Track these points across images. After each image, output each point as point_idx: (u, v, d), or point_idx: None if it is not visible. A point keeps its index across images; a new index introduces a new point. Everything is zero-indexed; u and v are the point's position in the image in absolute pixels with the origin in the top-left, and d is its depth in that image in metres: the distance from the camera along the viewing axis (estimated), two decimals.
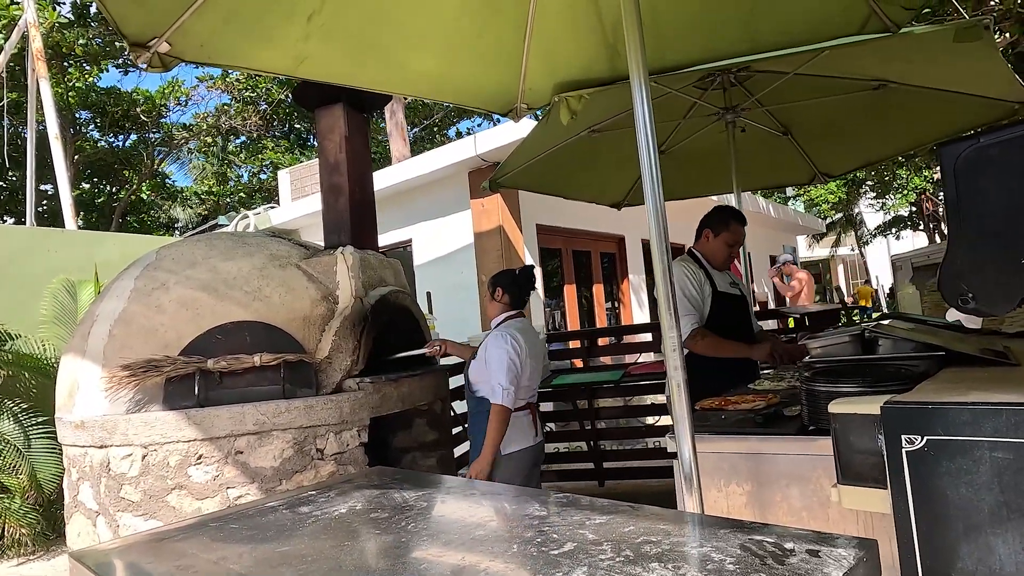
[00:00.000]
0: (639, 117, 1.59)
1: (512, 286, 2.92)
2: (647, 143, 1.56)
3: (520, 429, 2.77)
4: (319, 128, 3.31)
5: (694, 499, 1.40)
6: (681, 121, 4.19)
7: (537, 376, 2.87)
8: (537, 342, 2.88)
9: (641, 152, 1.57)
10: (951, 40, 2.60)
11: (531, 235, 6.71)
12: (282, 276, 3.02)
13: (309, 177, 8.71)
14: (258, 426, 2.63)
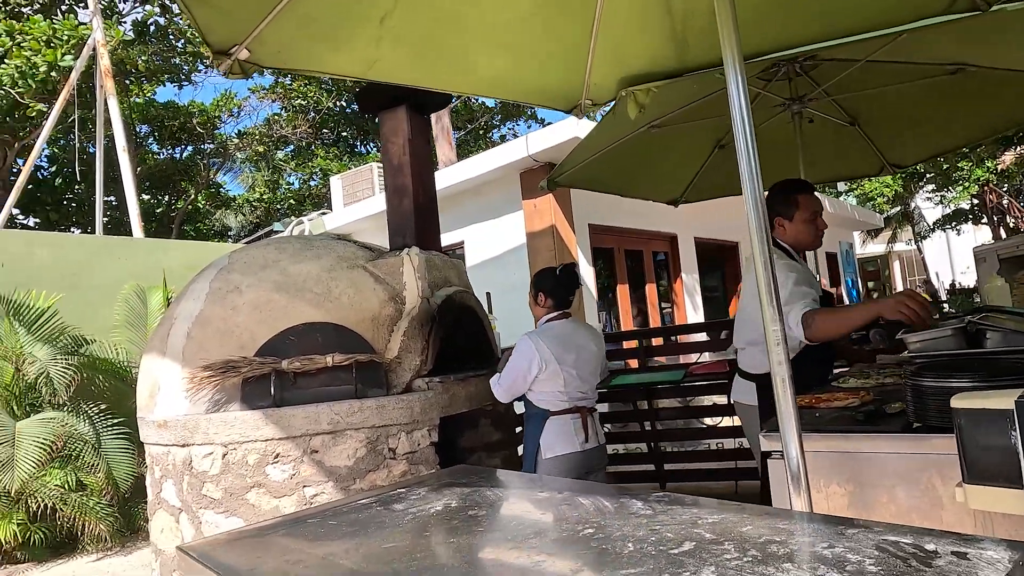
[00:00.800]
0: (735, 101, 1.54)
1: (555, 289, 2.86)
2: (744, 128, 1.51)
3: (564, 433, 2.71)
4: (383, 131, 3.34)
5: (802, 499, 1.35)
6: None
7: (585, 379, 2.77)
8: (583, 344, 2.79)
9: (738, 138, 1.53)
10: None
11: (583, 234, 6.67)
12: (350, 277, 3.06)
13: (361, 183, 8.86)
14: (332, 425, 2.66)
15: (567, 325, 2.84)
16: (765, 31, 2.73)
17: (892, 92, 3.83)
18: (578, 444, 2.73)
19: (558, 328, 2.81)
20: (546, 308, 2.86)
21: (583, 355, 2.78)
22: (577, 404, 2.77)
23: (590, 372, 2.80)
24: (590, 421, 2.78)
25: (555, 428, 2.73)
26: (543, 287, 2.87)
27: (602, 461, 2.84)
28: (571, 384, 2.74)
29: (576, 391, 2.76)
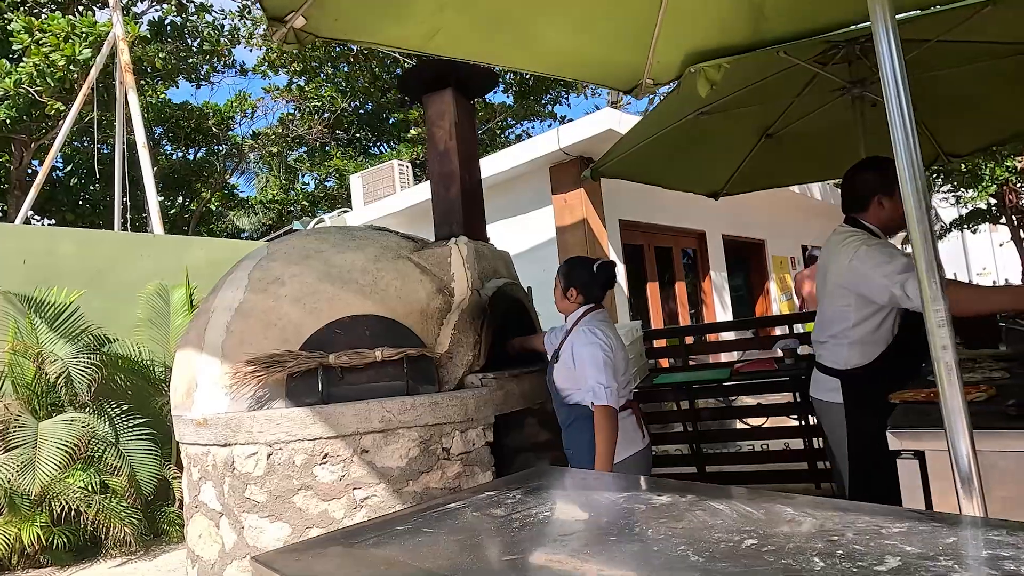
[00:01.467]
0: (885, 53, 1.35)
1: (589, 286, 2.58)
2: (897, 84, 1.32)
3: (625, 432, 2.45)
4: (428, 115, 3.18)
5: (975, 503, 1.17)
6: (794, 100, 3.91)
7: (628, 373, 2.58)
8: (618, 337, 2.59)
9: (890, 96, 1.34)
10: None
11: (614, 230, 6.49)
12: (396, 268, 2.90)
13: (382, 180, 8.72)
14: (384, 424, 2.50)
15: (605, 315, 2.65)
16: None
17: (955, 76, 3.64)
18: (640, 442, 2.52)
19: (603, 317, 2.61)
20: (576, 304, 2.61)
21: (623, 346, 2.60)
22: (628, 399, 2.57)
23: (628, 365, 2.61)
24: (640, 416, 2.60)
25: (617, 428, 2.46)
26: (577, 282, 2.59)
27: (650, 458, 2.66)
28: (623, 377, 2.50)
29: (625, 384, 2.54)
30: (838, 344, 2.54)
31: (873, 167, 2.56)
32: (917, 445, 1.50)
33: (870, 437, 2.40)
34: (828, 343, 2.63)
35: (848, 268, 2.37)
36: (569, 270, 2.65)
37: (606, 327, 2.53)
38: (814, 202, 9.65)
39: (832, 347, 2.59)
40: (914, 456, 1.51)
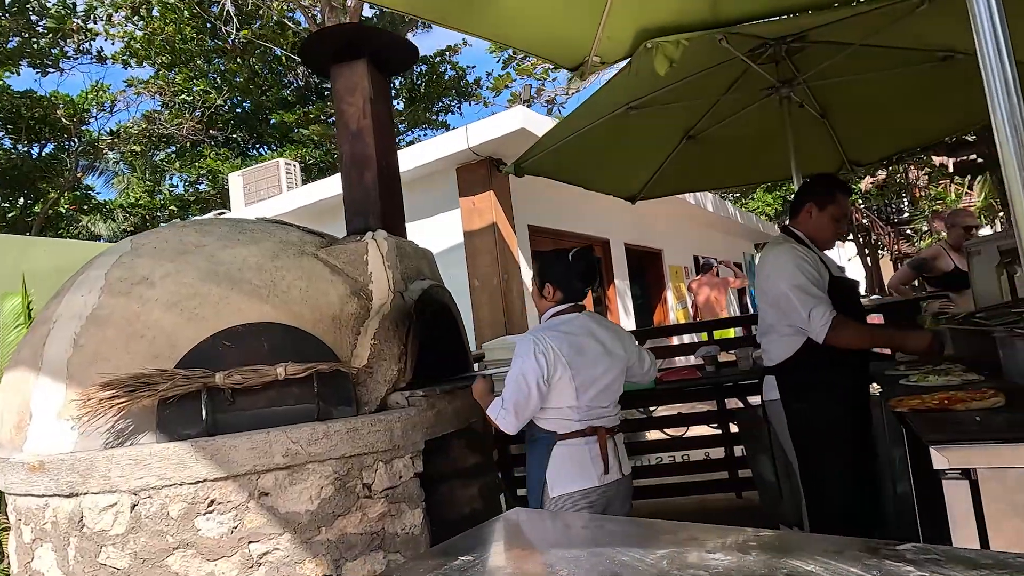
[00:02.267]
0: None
1: (566, 278, 2.25)
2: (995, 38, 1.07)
3: (576, 463, 2.11)
4: (335, 89, 2.71)
5: None
6: (720, 98, 3.82)
7: (605, 391, 2.18)
8: (602, 344, 2.20)
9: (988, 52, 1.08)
10: None
11: (524, 236, 6.22)
12: (300, 266, 2.41)
13: (266, 180, 7.94)
14: (289, 458, 2.00)
15: (580, 320, 2.22)
16: None
17: (868, 83, 3.69)
18: (595, 477, 2.11)
19: (568, 323, 2.20)
20: (553, 302, 2.26)
21: (603, 359, 2.18)
22: (593, 424, 2.16)
23: (612, 381, 2.20)
24: (611, 446, 2.18)
25: (565, 456, 2.12)
26: (551, 276, 2.26)
27: (626, 497, 2.23)
28: (585, 397, 2.13)
29: (592, 406, 2.16)
30: (769, 342, 2.65)
31: (817, 181, 2.75)
32: (967, 463, 1.27)
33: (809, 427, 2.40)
34: (763, 343, 2.72)
35: (767, 276, 2.56)
36: (542, 265, 2.32)
37: (564, 337, 2.14)
38: (707, 213, 9.96)
39: (766, 346, 2.69)
40: (962, 476, 1.27)
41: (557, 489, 2.12)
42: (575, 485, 2.12)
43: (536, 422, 2.18)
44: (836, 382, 2.38)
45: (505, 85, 9.64)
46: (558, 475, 2.13)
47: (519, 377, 2.09)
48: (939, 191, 19.52)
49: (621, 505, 2.21)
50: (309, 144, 14.01)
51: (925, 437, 1.34)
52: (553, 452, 2.14)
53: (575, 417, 2.15)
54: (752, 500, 4.36)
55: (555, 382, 2.11)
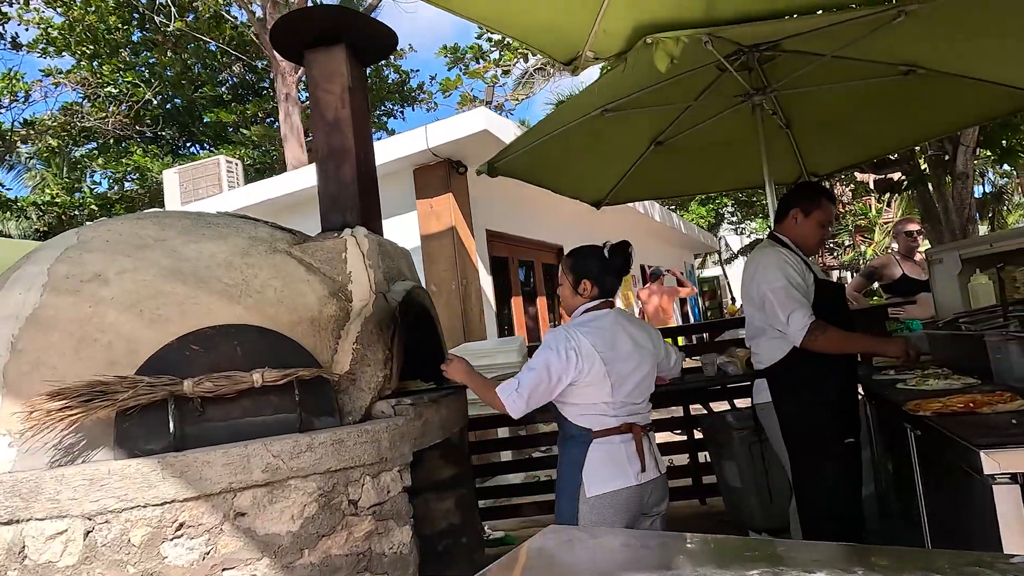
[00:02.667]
0: None
1: (602, 275, 2.20)
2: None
3: (612, 461, 2.06)
4: (312, 76, 2.53)
5: None
6: (692, 103, 3.83)
7: (638, 387, 2.15)
8: (636, 340, 2.17)
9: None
10: None
11: (482, 240, 6.10)
12: (274, 264, 2.21)
13: (205, 178, 7.51)
14: (269, 474, 1.81)
15: (612, 316, 2.18)
16: None
17: (832, 94, 3.78)
18: (632, 475, 2.06)
19: (601, 319, 2.16)
20: (587, 298, 2.19)
21: (635, 355, 2.13)
22: (628, 420, 2.11)
23: (644, 376, 2.15)
24: (646, 443, 2.13)
25: (602, 454, 2.07)
26: (588, 272, 2.18)
27: (663, 496, 2.19)
28: (620, 393, 2.09)
29: (627, 402, 2.11)
30: (759, 345, 2.66)
31: (802, 187, 2.82)
32: (1019, 467, 1.24)
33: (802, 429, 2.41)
34: (753, 346, 2.74)
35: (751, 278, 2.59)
36: (576, 261, 2.23)
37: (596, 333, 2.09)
38: (653, 223, 10.12)
39: (756, 349, 2.70)
40: (1012, 480, 1.24)
41: (595, 488, 2.06)
42: (614, 484, 2.06)
43: (570, 419, 2.12)
44: (826, 384, 2.39)
45: (455, 87, 9.53)
46: (596, 474, 2.06)
47: (544, 366, 2.04)
48: (862, 207, 20.65)
49: (655, 503, 2.16)
50: (248, 145, 13.43)
51: (973, 441, 1.30)
52: (590, 450, 2.09)
53: (611, 413, 2.10)
54: (716, 506, 4.38)
55: (590, 378, 2.06)
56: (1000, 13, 2.73)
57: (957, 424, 1.48)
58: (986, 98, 3.57)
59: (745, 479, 3.88)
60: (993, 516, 1.25)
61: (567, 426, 2.13)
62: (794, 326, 2.34)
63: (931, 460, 1.66)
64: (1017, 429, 1.36)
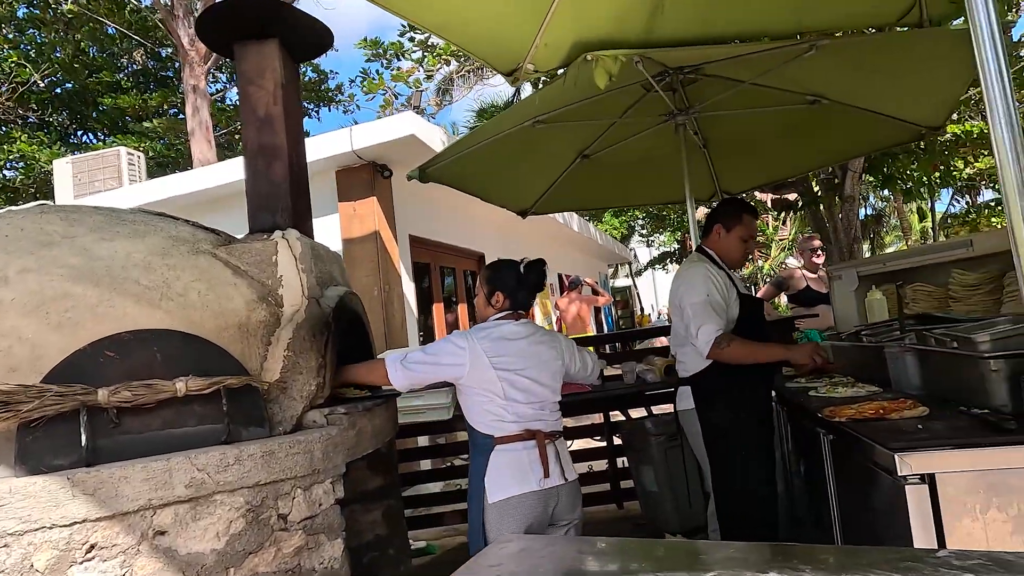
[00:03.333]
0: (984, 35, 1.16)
1: (517, 290, 2.30)
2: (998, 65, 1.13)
3: (513, 467, 2.11)
4: (241, 70, 2.42)
5: None
6: (617, 120, 3.96)
7: (539, 393, 2.20)
8: (535, 348, 2.23)
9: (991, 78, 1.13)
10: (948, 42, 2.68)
11: (405, 246, 6.02)
12: (197, 266, 2.09)
13: (103, 170, 6.98)
14: (194, 488, 1.70)
15: (516, 326, 2.24)
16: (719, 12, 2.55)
17: (747, 118, 4.03)
18: (535, 481, 2.11)
19: (500, 327, 2.22)
20: (498, 310, 2.29)
21: (532, 362, 2.20)
22: (529, 427, 2.16)
23: (544, 384, 2.21)
24: (552, 450, 2.17)
25: (503, 461, 2.13)
26: (503, 285, 2.27)
27: (574, 504, 2.23)
28: (515, 398, 2.15)
29: (527, 408, 2.17)
30: (685, 354, 2.78)
31: (727, 203, 2.99)
32: (928, 468, 1.36)
33: (723, 435, 2.55)
34: (679, 355, 2.87)
35: (676, 290, 2.74)
36: (492, 273, 2.32)
37: (489, 338, 2.18)
38: (572, 233, 10.34)
39: (681, 357, 2.83)
40: (922, 481, 1.36)
41: (496, 495, 2.11)
42: (514, 489, 2.11)
43: (476, 427, 2.19)
44: (747, 392, 2.53)
45: (379, 89, 9.36)
46: (497, 480, 2.12)
47: (434, 348, 2.21)
48: (760, 224, 22.01)
49: (566, 511, 2.21)
50: (151, 137, 12.61)
51: (888, 445, 1.42)
52: (492, 457, 2.15)
53: (508, 419, 2.16)
54: (633, 510, 4.51)
55: (481, 382, 2.15)
56: (896, 55, 3.00)
57: (870, 429, 1.61)
58: (879, 130, 3.91)
59: (662, 483, 4.02)
60: (905, 515, 1.37)
61: (473, 434, 2.21)
62: (701, 339, 2.49)
63: (843, 463, 1.79)
64: (924, 433, 1.50)
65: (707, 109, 3.84)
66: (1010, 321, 1.69)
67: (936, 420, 1.62)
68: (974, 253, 2.61)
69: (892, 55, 3.01)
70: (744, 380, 2.53)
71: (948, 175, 9.76)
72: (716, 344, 2.47)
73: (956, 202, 19.49)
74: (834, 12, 2.60)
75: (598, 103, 3.43)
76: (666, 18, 2.35)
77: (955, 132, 7.94)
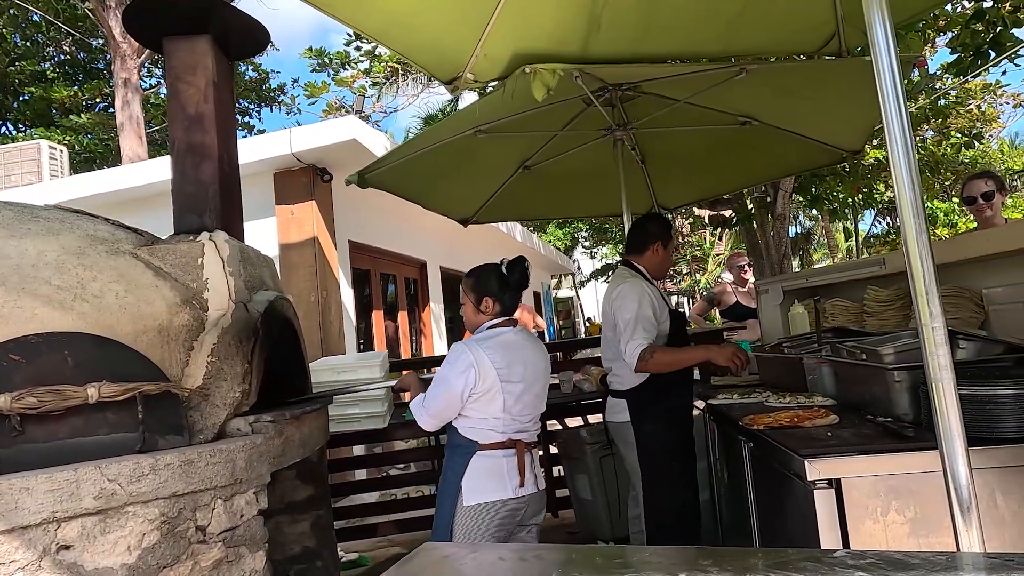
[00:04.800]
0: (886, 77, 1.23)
1: (502, 291, 2.31)
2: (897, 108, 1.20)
3: (493, 474, 2.16)
4: (170, 66, 2.34)
5: (972, 534, 1.09)
6: (558, 133, 4.02)
7: (530, 405, 2.27)
8: (532, 359, 2.28)
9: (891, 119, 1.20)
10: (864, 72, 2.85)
11: (344, 252, 5.93)
12: (115, 267, 2.01)
13: (21, 163, 6.57)
14: (104, 500, 1.62)
15: (515, 335, 2.28)
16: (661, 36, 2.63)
17: (681, 136, 4.16)
18: (511, 489, 2.16)
19: (503, 336, 2.25)
20: (490, 315, 2.29)
21: (531, 374, 2.24)
22: (514, 436, 2.21)
23: (536, 395, 2.28)
24: (529, 459, 2.24)
25: (483, 466, 2.16)
26: (488, 290, 2.28)
27: (539, 510, 2.30)
28: (511, 410, 2.19)
29: (516, 419, 2.21)
30: (620, 367, 2.83)
31: (658, 219, 3.09)
32: (835, 473, 1.43)
33: (656, 446, 2.62)
34: (613, 368, 2.92)
35: (611, 305, 2.79)
36: (476, 280, 2.34)
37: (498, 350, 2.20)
38: (515, 243, 10.40)
39: (616, 371, 2.88)
40: (829, 485, 1.44)
41: (473, 498, 2.14)
42: (492, 496, 2.15)
43: (460, 430, 2.20)
44: (678, 404, 2.61)
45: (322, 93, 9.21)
46: (475, 484, 2.15)
47: (444, 381, 2.18)
48: (698, 239, 22.71)
49: (531, 515, 2.27)
50: (79, 131, 12.00)
51: (799, 451, 1.48)
52: (472, 461, 2.17)
53: (499, 428, 2.20)
54: (568, 519, 4.55)
55: (484, 393, 2.16)
56: (818, 82, 3.17)
57: (785, 436, 1.68)
58: (806, 152, 4.10)
59: (596, 491, 4.08)
60: (814, 518, 1.43)
61: (454, 436, 2.21)
62: (629, 353, 2.56)
63: (761, 469, 1.86)
64: (833, 441, 1.58)
65: (645, 125, 3.94)
66: (913, 335, 1.81)
67: (845, 428, 1.71)
68: (886, 271, 2.77)
69: (815, 82, 3.17)
70: (677, 392, 2.61)
71: (870, 197, 10.35)
72: (641, 358, 2.54)
73: (878, 223, 20.61)
74: (759, 39, 2.72)
75: (540, 115, 3.48)
76: (603, 36, 2.41)
77: (877, 157, 8.44)
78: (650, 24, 2.42)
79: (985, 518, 1.25)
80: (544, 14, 2.32)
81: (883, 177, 9.44)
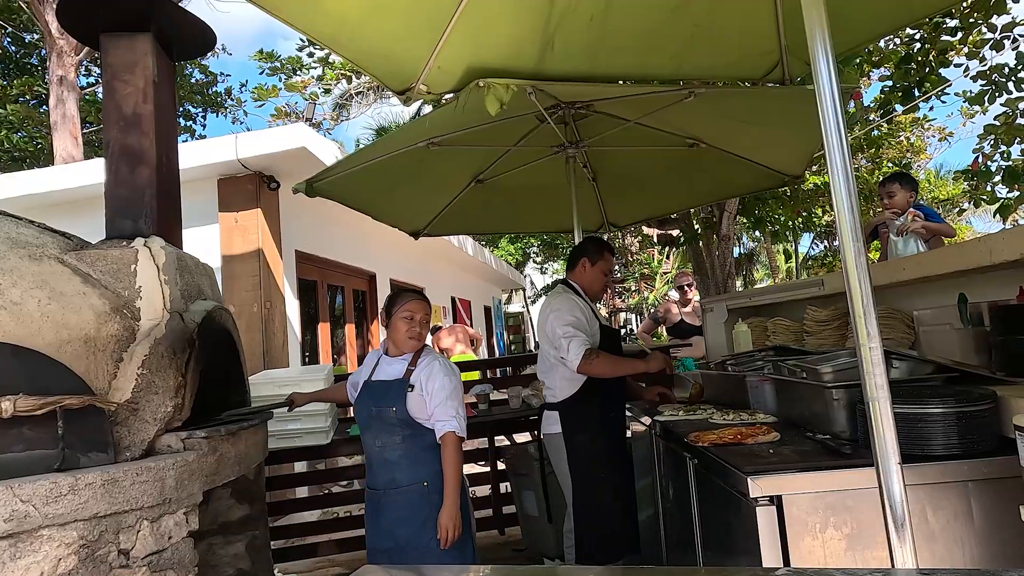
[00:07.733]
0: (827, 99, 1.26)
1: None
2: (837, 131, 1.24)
3: None
4: (107, 63, 2.23)
5: (906, 550, 1.11)
6: (512, 148, 4.04)
7: None
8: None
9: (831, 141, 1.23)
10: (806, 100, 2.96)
11: (290, 262, 5.77)
12: (38, 272, 1.89)
13: None
14: (15, 523, 1.51)
15: None
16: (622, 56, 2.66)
17: (632, 156, 4.24)
18: None
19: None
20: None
21: None
22: None
23: None
24: None
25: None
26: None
27: None
28: None
29: None
30: (553, 380, 2.92)
31: (592, 240, 3.23)
32: (776, 490, 1.45)
33: (587, 455, 2.66)
34: (547, 380, 3.00)
35: (546, 318, 2.87)
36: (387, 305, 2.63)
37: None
38: (466, 257, 10.37)
39: (550, 383, 2.96)
40: (770, 502, 1.46)
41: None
42: None
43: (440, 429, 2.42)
44: (609, 416, 2.68)
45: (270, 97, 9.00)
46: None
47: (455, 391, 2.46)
48: (646, 257, 23.18)
49: None
50: (9, 127, 11.38)
51: (743, 469, 1.50)
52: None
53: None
54: (514, 536, 4.51)
55: None
56: (762, 108, 3.28)
57: (729, 453, 1.70)
58: (750, 175, 4.23)
59: (542, 508, 4.05)
60: (756, 534, 1.45)
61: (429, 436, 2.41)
62: (572, 353, 2.63)
63: (706, 486, 1.87)
64: (775, 458, 1.60)
65: (596, 144, 4.00)
66: (850, 354, 1.86)
67: (786, 445, 1.75)
68: (825, 292, 2.87)
69: (759, 108, 3.28)
70: (608, 403, 2.68)
71: (809, 221, 10.77)
72: (585, 357, 2.62)
73: (816, 245, 21.48)
74: (707, 63, 2.81)
75: (493, 129, 3.48)
76: (556, 54, 2.43)
77: (816, 183, 8.81)
78: (601, 45, 2.45)
79: (917, 533, 1.28)
80: (499, 30, 2.32)
81: (821, 202, 9.87)
